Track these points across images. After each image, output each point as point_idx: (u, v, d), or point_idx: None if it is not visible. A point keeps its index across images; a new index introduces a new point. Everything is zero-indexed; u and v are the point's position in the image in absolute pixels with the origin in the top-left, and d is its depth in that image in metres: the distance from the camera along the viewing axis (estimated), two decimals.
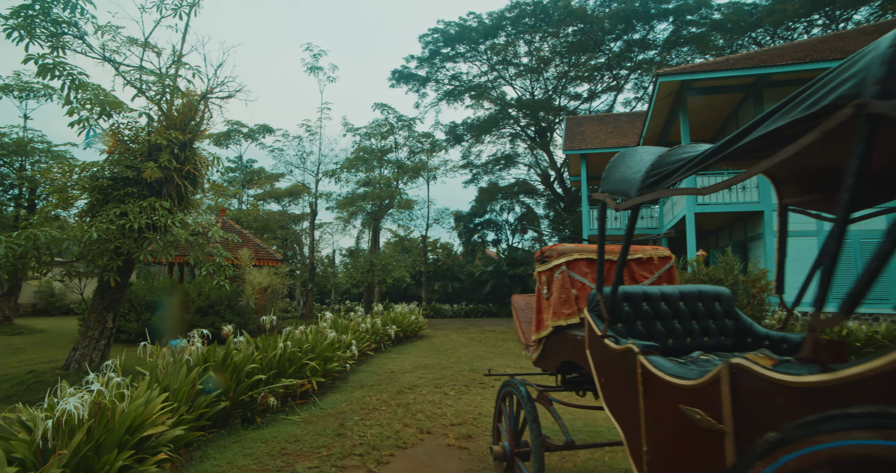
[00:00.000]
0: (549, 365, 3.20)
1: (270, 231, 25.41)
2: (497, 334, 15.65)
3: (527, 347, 3.51)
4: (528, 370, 8.35)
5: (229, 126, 21.94)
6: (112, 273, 6.72)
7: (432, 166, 24.22)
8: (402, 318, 12.60)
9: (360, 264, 17.91)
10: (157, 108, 7.90)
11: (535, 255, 3.34)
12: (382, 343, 10.98)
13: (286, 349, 5.77)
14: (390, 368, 8.69)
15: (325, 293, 33.47)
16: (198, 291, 12.48)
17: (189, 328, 12.16)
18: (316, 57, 22.09)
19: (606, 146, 18.76)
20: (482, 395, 6.52)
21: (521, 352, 11.08)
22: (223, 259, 7.95)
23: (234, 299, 13.08)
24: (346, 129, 19.77)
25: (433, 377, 7.87)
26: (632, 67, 34.37)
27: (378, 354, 10.30)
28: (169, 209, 7.27)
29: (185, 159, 7.67)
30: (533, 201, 40.87)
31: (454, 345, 12.35)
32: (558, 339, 2.94)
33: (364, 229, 27.61)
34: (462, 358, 10.06)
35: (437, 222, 27.55)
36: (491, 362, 9.60)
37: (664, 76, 12.39)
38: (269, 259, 15.08)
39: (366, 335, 9.51)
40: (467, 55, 34.65)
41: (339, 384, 7.07)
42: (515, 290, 30.61)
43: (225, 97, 8.85)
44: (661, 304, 2.59)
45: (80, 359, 7.20)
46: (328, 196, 19.72)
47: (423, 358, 9.98)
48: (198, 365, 4.45)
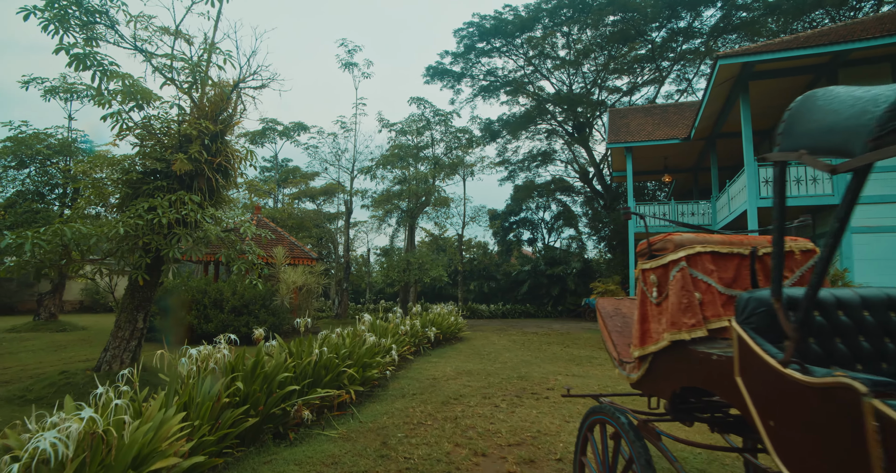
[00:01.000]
0: (658, 390, 2.48)
1: (305, 230, 25.31)
2: (539, 336, 14.87)
3: (621, 364, 2.81)
4: (588, 377, 7.59)
5: (264, 124, 21.91)
6: (140, 271, 6.35)
7: (469, 163, 23.57)
8: (442, 320, 12.01)
9: (395, 263, 17.44)
10: (187, 97, 7.55)
11: (638, 247, 2.63)
12: (422, 346, 10.42)
13: (322, 355, 5.24)
14: (432, 374, 8.10)
15: (359, 293, 33.30)
16: (232, 290, 12.22)
17: (222, 328, 11.92)
18: (351, 53, 21.79)
19: (654, 138, 17.69)
20: (537, 408, 5.83)
21: (569, 357, 10.32)
22: (256, 257, 7.52)
23: (269, 298, 12.78)
24: (381, 124, 19.39)
25: (479, 385, 7.23)
26: (674, 58, 32.78)
27: (418, 358, 9.73)
28: (199, 204, 6.88)
29: (217, 151, 7.28)
30: (570, 198, 39.73)
31: (496, 349, 11.67)
32: (677, 357, 2.24)
33: (399, 228, 27.23)
34: (507, 364, 9.37)
35: (473, 220, 26.89)
36: (539, 368, 8.88)
37: (724, 59, 11.36)
38: (304, 258, 14.76)
39: (405, 338, 8.95)
40: (503, 50, 33.82)
41: (379, 392, 6.51)
42: (553, 291, 29.64)
43: (258, 87, 8.47)
44: (839, 314, 1.87)
45: (110, 360, 6.89)
46: (363, 193, 19.37)
47: (466, 363, 9.35)
48: (224, 375, 3.94)
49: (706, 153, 19.04)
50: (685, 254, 2.24)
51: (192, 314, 11.73)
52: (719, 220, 16.39)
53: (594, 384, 7.43)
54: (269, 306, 12.70)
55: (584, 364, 9.45)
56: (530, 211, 40.97)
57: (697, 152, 19.56)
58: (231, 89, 7.73)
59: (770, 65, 11.55)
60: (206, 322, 11.72)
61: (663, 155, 20.10)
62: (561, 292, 29.72)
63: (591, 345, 12.63)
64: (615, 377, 7.99)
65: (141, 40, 7.48)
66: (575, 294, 29.20)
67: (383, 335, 8.06)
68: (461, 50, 33.46)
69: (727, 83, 12.64)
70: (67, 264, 6.64)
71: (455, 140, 19.71)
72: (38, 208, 14.19)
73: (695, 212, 17.38)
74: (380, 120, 19.33)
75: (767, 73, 12.03)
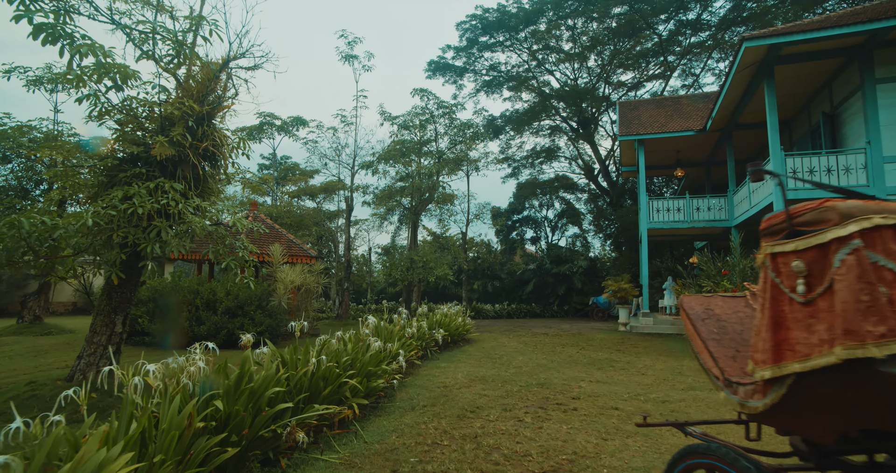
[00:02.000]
0: (807, 428, 1.72)
1: (305, 228, 24.59)
2: (551, 338, 14.12)
3: (728, 384, 2.05)
4: (613, 383, 6.78)
5: (262, 118, 21.14)
6: (115, 269, 5.62)
7: (473, 158, 22.84)
8: (450, 321, 11.28)
9: (398, 262, 16.71)
10: (171, 76, 6.82)
11: (764, 223, 1.85)
12: (429, 350, 9.68)
13: (320, 364, 4.50)
14: (442, 381, 7.36)
15: (361, 293, 32.57)
16: (225, 290, 11.48)
17: (216, 330, 11.19)
18: (351, 45, 21.06)
19: (668, 130, 16.96)
20: (567, 423, 5.09)
21: (588, 361, 9.59)
22: (248, 253, 6.79)
23: (265, 299, 12.05)
24: (383, 118, 18.63)
25: (497, 394, 6.49)
26: (681, 52, 32.01)
27: (425, 363, 8.99)
28: (183, 193, 6.15)
29: (203, 135, 6.54)
30: (573, 196, 39.05)
31: (508, 351, 10.93)
32: (849, 382, 1.50)
33: (401, 226, 26.50)
34: (523, 369, 8.63)
35: (477, 217, 26.15)
36: (558, 374, 8.14)
37: (751, 40, 10.62)
38: (303, 256, 14.03)
39: (412, 341, 8.21)
40: (506, 44, 33.08)
41: (385, 404, 5.77)
42: (559, 290, 28.92)
43: (251, 68, 7.74)
44: None
45: (84, 369, 6.16)
46: (365, 189, 18.60)
47: (478, 368, 8.61)
48: (199, 394, 3.20)
49: (721, 146, 18.31)
50: (859, 228, 1.49)
51: (184, 315, 11.00)
52: (737, 215, 15.65)
53: (623, 391, 6.69)
54: (266, 307, 11.97)
55: (606, 369, 8.71)
56: (533, 209, 40.27)
57: (711, 145, 18.83)
58: (220, 68, 7.00)
59: (799, 47, 10.81)
60: (199, 325, 10.99)
61: (676, 148, 19.37)
62: (567, 292, 28.99)
63: (606, 347, 11.89)
64: (647, 384, 7.26)
65: (119, 13, 6.75)
66: (582, 293, 28.46)
67: (389, 338, 7.32)
68: (464, 44, 32.73)
69: (750, 68, 11.90)
70: (34, 260, 5.91)
71: (460, 134, 18.96)
72: (21, 204, 13.45)
73: (711, 207, 16.63)
74: (381, 113, 18.62)
75: (794, 56, 11.29)
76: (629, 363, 9.40)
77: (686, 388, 6.91)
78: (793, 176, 2.31)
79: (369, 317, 6.18)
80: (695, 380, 7.53)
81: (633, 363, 9.28)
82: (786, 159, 11.26)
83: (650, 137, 17.06)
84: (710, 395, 6.44)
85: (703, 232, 18.42)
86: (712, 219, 16.53)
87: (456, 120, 18.89)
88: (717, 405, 5.88)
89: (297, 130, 21.39)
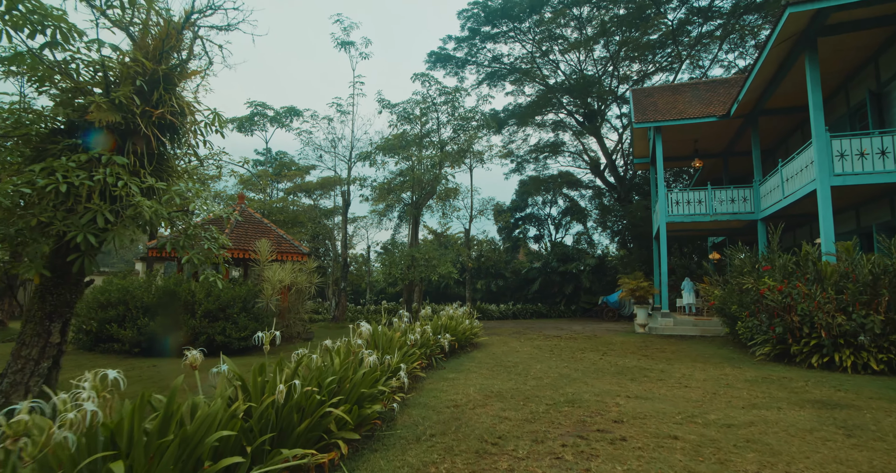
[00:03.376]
0: None
1: (300, 225, 23.39)
2: (565, 341, 12.93)
3: None
4: (656, 399, 5.40)
5: (252, 108, 19.93)
6: (37, 263, 4.42)
7: (477, 151, 21.63)
8: (456, 324, 10.08)
9: (398, 260, 15.50)
10: (124, 36, 5.61)
11: None
12: (434, 357, 8.48)
13: (293, 392, 3.29)
14: (452, 398, 6.17)
15: (359, 293, 31.37)
16: (206, 290, 10.28)
17: (194, 336, 9.98)
18: (347, 30, 19.88)
19: (688, 117, 15.76)
20: (622, 462, 3.89)
21: (616, 370, 8.39)
22: (216, 246, 5.58)
23: (251, 300, 10.85)
24: (381, 105, 17.40)
25: (520, 416, 5.29)
26: (689, 43, 30.80)
27: (430, 373, 7.79)
28: (132, 170, 4.95)
29: (160, 101, 5.33)
30: (577, 193, 37.94)
31: (522, 358, 9.74)
32: None
33: (401, 223, 25.30)
34: (544, 380, 7.43)
35: (481, 213, 24.93)
36: (586, 386, 6.94)
37: (795, 6, 9.41)
38: (294, 253, 12.83)
39: (415, 350, 7.01)
40: (510, 35, 31.88)
41: (383, 433, 4.56)
42: (566, 289, 27.73)
43: (223, 28, 6.55)
44: None
45: (8, 390, 4.95)
46: (362, 181, 17.38)
47: (492, 380, 7.41)
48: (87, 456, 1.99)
49: (742, 134, 17.12)
50: None
51: (158, 320, 9.80)
52: (765, 207, 14.45)
53: (671, 410, 5.49)
54: (252, 309, 10.77)
55: (640, 379, 7.51)
56: (536, 206, 39.15)
57: (732, 134, 17.65)
58: (182, 22, 5.79)
59: (849, 14, 9.61)
60: (174, 330, 9.79)
61: (693, 137, 18.19)
62: (574, 291, 27.80)
63: (630, 352, 10.70)
64: (696, 400, 6.06)
65: None
66: (590, 292, 27.28)
67: (388, 348, 6.12)
68: (465, 34, 31.55)
69: (789, 41, 10.70)
70: None
71: (463, 124, 17.73)
72: None
73: (735, 198, 15.42)
74: (380, 101, 17.39)
75: (840, 26, 10.10)
76: (663, 371, 8.21)
77: (747, 406, 5.72)
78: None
79: (363, 323, 4.96)
80: (752, 394, 6.33)
81: (668, 373, 8.08)
82: (831, 141, 10.06)
83: (668, 125, 15.86)
84: (782, 416, 5.24)
85: (724, 227, 17.22)
86: (736, 211, 15.32)
87: (459, 107, 17.66)
88: (799, 431, 4.69)
89: (290, 122, 20.18)
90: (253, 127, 20.68)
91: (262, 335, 3.79)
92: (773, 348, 8.84)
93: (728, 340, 12.25)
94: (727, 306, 11.02)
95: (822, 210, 9.92)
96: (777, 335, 8.66)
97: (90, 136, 4.99)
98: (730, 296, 10.93)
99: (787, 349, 8.65)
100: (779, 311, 8.71)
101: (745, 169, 21.87)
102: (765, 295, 8.91)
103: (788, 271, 9.77)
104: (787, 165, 12.32)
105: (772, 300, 8.72)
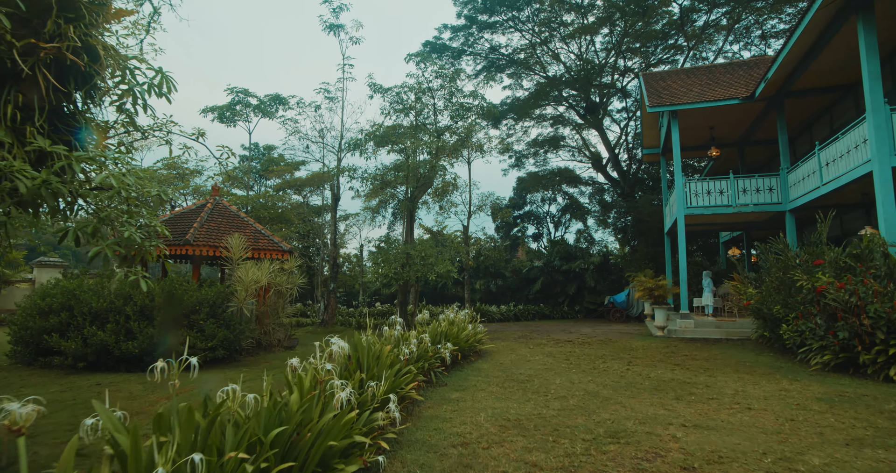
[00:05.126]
0: None
1: (287, 223, 21.92)
2: (578, 347, 11.54)
3: None
4: (718, 428, 3.72)
5: (234, 95, 18.43)
6: None
7: (476, 143, 20.23)
8: (458, 330, 8.66)
9: (391, 258, 14.06)
10: None
11: None
12: (433, 371, 7.05)
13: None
14: (458, 430, 4.76)
15: (353, 295, 29.90)
16: (167, 293, 8.83)
17: (150, 347, 8.51)
18: (336, 12, 18.44)
19: (707, 99, 14.41)
20: None
21: (653, 385, 7.00)
22: (137, 234, 4.13)
23: (221, 304, 9.40)
24: (372, 90, 15.96)
25: (555, 464, 3.88)
26: (693, 34, 29.52)
27: (430, 392, 6.37)
28: (7, 124, 3.52)
29: (56, 35, 3.89)
30: (577, 190, 36.70)
31: (535, 369, 8.33)
32: None
33: (396, 220, 23.87)
34: (569, 401, 6.02)
35: (480, 209, 23.52)
36: (624, 410, 5.54)
37: None
38: (273, 250, 11.37)
39: (410, 366, 5.57)
40: (508, 24, 30.53)
41: None
42: (570, 288, 26.35)
43: None
44: None
45: None
46: (352, 172, 15.89)
47: (505, 401, 6.00)
48: None
49: (763, 120, 15.83)
50: None
51: (109, 328, 8.33)
52: (794, 197, 13.12)
53: (753, 449, 4.10)
54: (222, 315, 9.32)
55: (687, 398, 6.11)
56: (535, 204, 37.88)
57: (751, 120, 16.35)
58: None
59: None
60: (128, 339, 8.32)
61: (709, 124, 16.88)
62: (578, 290, 26.43)
63: (657, 359, 9.32)
64: (775, 430, 4.66)
65: None
66: (595, 292, 25.92)
67: (375, 368, 4.69)
68: (462, 23, 30.17)
69: (836, 3, 9.35)
70: None
71: (462, 111, 16.29)
72: None
73: (759, 188, 14.08)
74: (371, 85, 15.94)
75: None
76: (709, 386, 6.82)
77: (851, 442, 4.33)
78: None
79: (335, 340, 3.52)
80: (842, 421, 4.94)
81: (715, 388, 6.70)
82: (892, 115, 8.72)
83: (686, 108, 14.51)
84: None
85: (745, 220, 15.91)
86: (762, 202, 13.98)
87: (457, 93, 16.21)
88: None
89: (275, 111, 18.73)
90: (235, 117, 19.21)
91: (159, 365, 2.35)
92: (834, 356, 7.47)
93: (761, 344, 10.90)
94: (766, 306, 9.65)
95: (882, 195, 8.57)
96: (840, 341, 7.29)
97: None
98: (770, 295, 9.57)
99: (852, 357, 7.29)
100: (842, 312, 7.34)
101: (763, 159, 20.60)
102: (824, 294, 7.54)
103: (840, 265, 8.41)
104: (827, 148, 10.99)
105: (834, 300, 7.35)
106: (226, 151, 6.09)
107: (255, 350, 10.75)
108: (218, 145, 5.37)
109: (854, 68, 12.31)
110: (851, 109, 13.53)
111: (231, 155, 6.20)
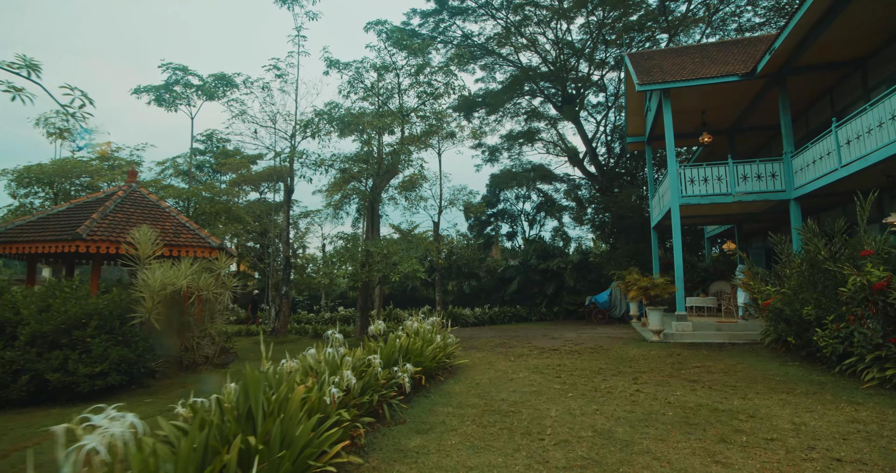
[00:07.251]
0: None
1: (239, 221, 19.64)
2: (566, 356, 9.82)
3: None
4: None
5: (169, 72, 16.11)
6: None
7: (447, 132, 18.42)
8: (423, 344, 6.78)
9: (348, 255, 12.09)
10: None
11: None
12: (386, 404, 5.16)
13: None
14: None
15: (315, 299, 27.67)
16: (41, 303, 6.69)
17: (12, 374, 6.31)
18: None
19: (704, 76, 12.96)
20: None
21: (680, 417, 5.28)
22: None
23: (120, 315, 7.28)
24: (328, 65, 13.94)
25: None
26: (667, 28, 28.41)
27: (378, 437, 4.49)
28: None
29: None
30: (552, 187, 35.35)
31: (520, 392, 6.53)
32: None
33: (360, 217, 21.83)
34: (575, 450, 4.23)
35: (452, 204, 21.71)
36: (660, 465, 3.78)
37: None
38: (199, 247, 9.29)
39: (342, 411, 3.67)
40: (479, 12, 28.90)
41: None
42: (548, 289, 24.77)
43: None
44: None
45: None
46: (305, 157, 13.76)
47: (486, 454, 4.16)
48: None
49: (759, 102, 14.52)
50: None
51: None
52: (801, 184, 11.75)
53: None
54: (119, 329, 7.21)
55: (737, 440, 4.39)
56: (509, 202, 36.37)
57: (746, 103, 15.05)
58: None
59: None
60: None
61: (700, 108, 15.50)
62: (557, 290, 24.85)
63: (668, 374, 7.66)
64: None
65: None
66: (574, 292, 24.40)
67: (269, 429, 2.77)
68: (432, 6, 28.35)
69: None
70: None
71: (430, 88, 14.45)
72: None
73: (761, 174, 12.69)
74: (326, 59, 13.92)
75: None
76: (753, 416, 5.14)
77: None
78: None
79: None
80: None
81: (764, 419, 5.02)
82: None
83: (681, 86, 13.02)
84: None
85: (743, 210, 14.55)
86: (764, 190, 12.58)
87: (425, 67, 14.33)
88: None
89: (221, 93, 16.54)
90: (176, 100, 16.91)
91: None
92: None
93: (776, 350, 9.39)
94: (792, 307, 8.10)
95: None
96: None
97: None
98: (797, 293, 8.03)
99: None
100: None
101: (754, 147, 19.43)
102: (884, 292, 5.98)
103: (884, 257, 6.92)
104: (847, 125, 9.59)
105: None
106: (77, 97, 4.14)
107: (175, 372, 8.64)
108: (62, 85, 3.31)
109: (860, 42, 11.03)
110: (859, 87, 12.26)
111: (86, 102, 4.26)
